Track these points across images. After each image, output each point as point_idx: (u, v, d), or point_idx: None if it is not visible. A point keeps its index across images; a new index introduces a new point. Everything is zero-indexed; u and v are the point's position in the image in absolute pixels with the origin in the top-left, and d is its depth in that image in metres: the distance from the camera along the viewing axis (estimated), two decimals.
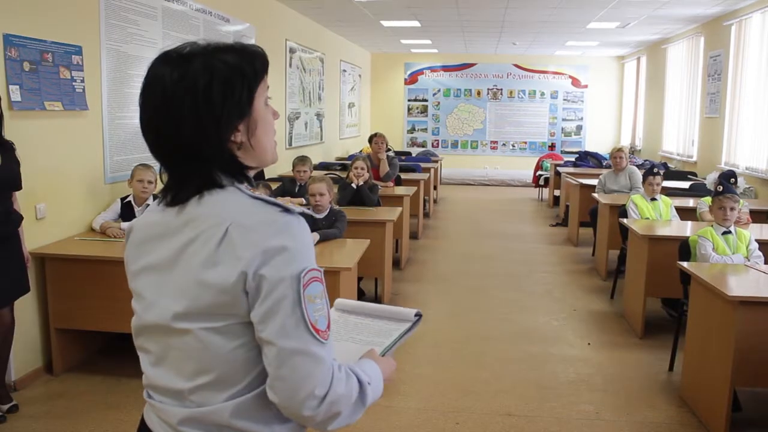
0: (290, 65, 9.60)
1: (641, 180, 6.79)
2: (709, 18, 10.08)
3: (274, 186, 6.38)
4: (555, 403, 4.09)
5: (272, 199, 1.30)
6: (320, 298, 1.25)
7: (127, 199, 4.91)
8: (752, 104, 8.70)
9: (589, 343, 5.16)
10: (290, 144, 9.68)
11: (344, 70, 13.52)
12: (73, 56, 4.53)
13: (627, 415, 3.95)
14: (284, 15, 9.51)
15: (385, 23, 11.21)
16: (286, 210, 1.27)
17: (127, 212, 4.85)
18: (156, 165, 1.40)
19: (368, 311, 1.64)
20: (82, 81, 4.63)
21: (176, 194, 1.32)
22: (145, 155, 5.25)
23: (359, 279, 5.61)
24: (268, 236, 1.22)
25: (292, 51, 9.66)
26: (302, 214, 1.31)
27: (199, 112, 1.26)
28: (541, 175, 13.37)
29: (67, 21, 4.50)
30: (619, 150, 7.91)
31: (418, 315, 1.60)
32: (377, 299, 5.89)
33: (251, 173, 1.38)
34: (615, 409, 4.03)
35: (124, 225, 4.69)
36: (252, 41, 7.81)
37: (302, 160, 6.66)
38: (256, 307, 1.22)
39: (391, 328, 1.59)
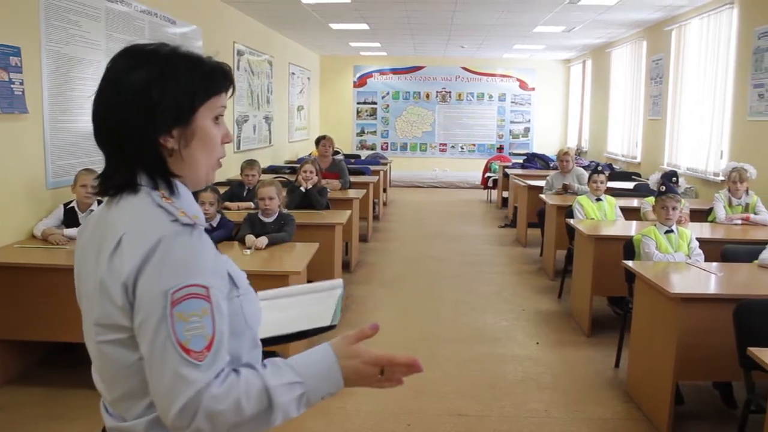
0: (238, 68, 9.51)
1: (587, 180, 6.92)
2: (651, 23, 10.33)
3: (223, 190, 6.31)
4: (505, 402, 4.13)
5: (172, 209, 1.25)
6: (198, 316, 1.18)
7: (71, 205, 4.79)
8: (692, 107, 8.95)
9: (537, 343, 5.22)
10: (238, 147, 9.59)
11: (293, 73, 13.46)
12: (11, 57, 4.40)
13: (575, 412, 4.00)
14: (232, 17, 9.42)
15: (334, 26, 11.19)
16: (178, 220, 1.23)
17: (70, 218, 4.73)
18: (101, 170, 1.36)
19: (294, 291, 1.64)
20: (21, 83, 4.50)
21: (102, 187, 1.31)
22: (90, 159, 5.14)
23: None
24: (147, 248, 1.18)
25: (240, 54, 9.57)
26: (198, 225, 1.27)
27: (134, 106, 1.25)
28: (489, 177, 13.50)
29: (4, 21, 4.37)
30: (566, 152, 8.03)
31: (343, 283, 1.62)
32: None
33: (187, 186, 1.36)
34: (564, 407, 4.08)
35: (68, 231, 4.58)
36: (198, 44, 7.72)
37: (250, 163, 6.60)
38: (134, 320, 1.19)
39: (323, 296, 1.61)
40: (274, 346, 1.55)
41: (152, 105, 1.25)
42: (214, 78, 1.34)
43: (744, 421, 3.14)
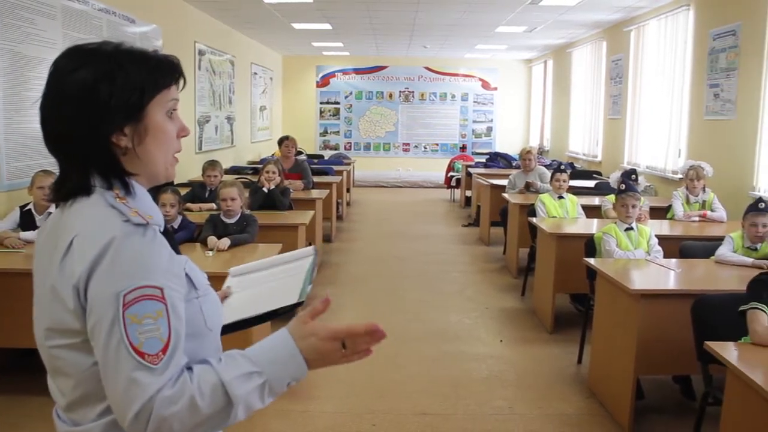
0: (199, 68, 9.42)
1: (549, 178, 7.00)
2: (611, 24, 10.48)
3: (184, 191, 6.24)
4: (469, 400, 4.15)
5: (124, 208, 1.22)
6: (152, 318, 1.14)
7: (27, 207, 4.69)
8: (651, 106, 9.10)
9: (501, 340, 5.26)
10: (200, 148, 9.49)
11: (255, 73, 13.37)
12: None
13: (539, 409, 4.04)
14: (192, 16, 9.32)
15: (296, 26, 11.14)
16: (130, 220, 1.20)
17: (27, 221, 4.63)
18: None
19: (265, 265, 1.62)
20: None
21: (56, 193, 1.28)
22: (47, 161, 5.03)
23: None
24: (98, 249, 1.16)
25: (201, 53, 9.48)
26: (157, 224, 1.25)
27: (83, 105, 1.22)
28: (452, 176, 13.56)
29: None
30: (528, 151, 8.09)
31: (315, 250, 1.58)
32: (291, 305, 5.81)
33: (143, 183, 1.33)
34: (528, 403, 4.11)
35: (25, 234, 4.48)
36: (158, 43, 7.62)
37: (212, 164, 6.54)
38: (87, 323, 1.17)
39: (294, 266, 1.57)
40: (242, 330, 1.52)
41: (101, 104, 1.22)
42: (161, 71, 1.31)
43: (702, 413, 3.20)
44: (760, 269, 3.78)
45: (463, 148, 16.77)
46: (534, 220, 6.00)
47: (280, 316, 1.51)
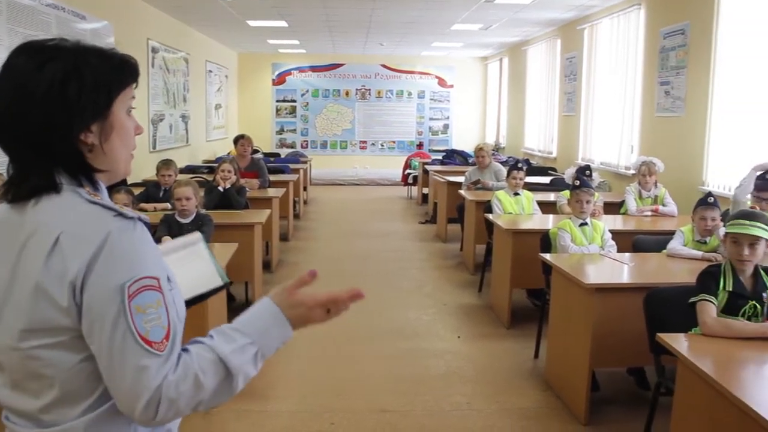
0: (153, 65, 9.27)
1: (506, 175, 7.05)
2: (565, 22, 10.61)
3: (137, 191, 6.14)
4: (428, 396, 4.16)
5: (109, 204, 1.24)
6: (154, 308, 1.19)
7: None
8: (604, 103, 9.25)
9: (459, 336, 5.29)
10: (154, 147, 9.34)
11: (210, 71, 13.21)
12: None
13: (497, 403, 4.07)
14: (145, 13, 9.17)
15: (252, 23, 11.04)
16: (121, 215, 1.22)
17: None
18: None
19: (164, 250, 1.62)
20: None
21: (16, 191, 1.25)
22: None
23: (229, 284, 5.48)
24: (95, 244, 1.17)
25: (154, 51, 9.33)
26: (142, 218, 1.27)
27: (51, 104, 1.21)
28: (409, 174, 13.59)
29: None
30: (481, 148, 8.13)
31: (201, 235, 1.69)
32: (248, 304, 5.77)
33: (103, 180, 1.33)
34: (486, 398, 4.14)
35: None
36: (110, 40, 7.47)
37: (166, 163, 6.45)
38: (83, 320, 1.17)
39: (187, 252, 1.64)
40: None
41: (70, 102, 1.22)
42: (124, 69, 1.32)
43: (655, 403, 3.27)
44: (709, 262, 3.87)
45: (420, 145, 16.83)
46: (490, 216, 6.04)
47: (206, 299, 1.60)
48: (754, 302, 2.92)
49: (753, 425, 2.11)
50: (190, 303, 1.54)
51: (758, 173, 4.79)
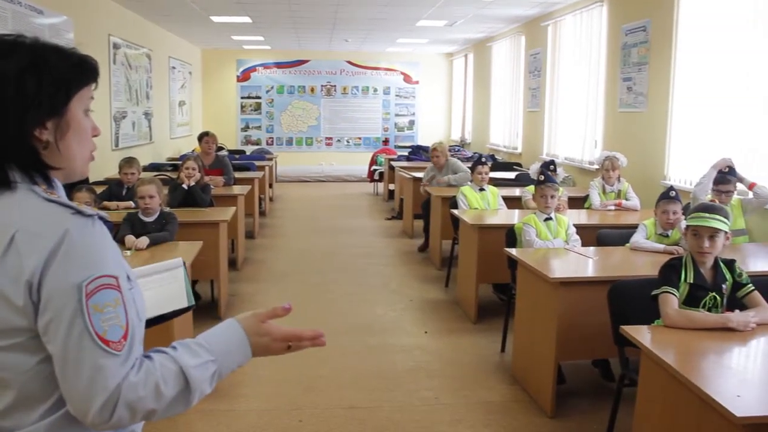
0: (114, 62, 9.12)
1: (471, 171, 7.09)
2: (529, 18, 10.69)
3: (100, 189, 6.05)
4: (396, 392, 4.17)
5: (66, 201, 1.22)
6: (112, 306, 1.17)
7: None
8: (568, 99, 9.34)
9: (426, 332, 5.30)
10: (117, 145, 9.20)
11: (173, 67, 13.06)
12: None
13: (464, 398, 4.09)
14: (106, 8, 9.02)
15: (215, 19, 10.93)
16: (79, 212, 1.20)
17: None
18: None
19: (139, 273, 1.61)
20: None
21: None
22: None
23: (194, 282, 5.44)
24: (52, 242, 1.15)
25: (116, 47, 9.18)
26: (102, 216, 1.25)
27: (5, 97, 1.19)
28: (375, 170, 13.58)
29: None
30: (435, 149, 8.05)
31: (183, 262, 1.69)
32: (214, 302, 5.73)
33: (59, 179, 1.31)
34: (453, 393, 4.16)
35: None
36: (70, 36, 7.34)
37: (129, 161, 6.36)
38: (39, 319, 1.15)
39: (167, 276, 1.65)
40: None
41: (27, 97, 1.20)
42: (84, 68, 1.31)
43: (619, 395, 3.32)
44: (671, 255, 3.93)
45: (386, 141, 16.84)
46: (456, 212, 6.07)
47: (168, 320, 1.61)
48: (714, 294, 2.98)
49: (713, 414, 2.15)
50: (153, 322, 1.54)
51: (716, 171, 4.89)
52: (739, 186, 4.91)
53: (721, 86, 5.86)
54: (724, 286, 3.00)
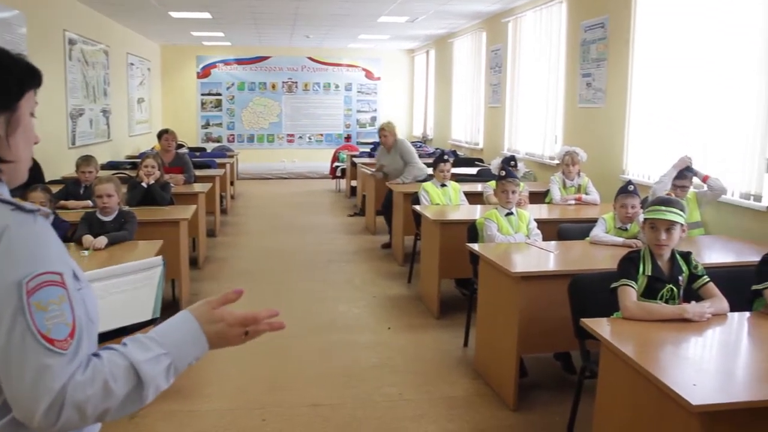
0: (70, 58, 8.95)
1: (413, 152, 7.25)
2: (490, 15, 10.75)
3: (56, 189, 5.92)
4: (359, 389, 4.16)
5: (6, 197, 1.19)
6: (56, 304, 1.14)
7: None
8: (529, 94, 9.41)
9: (389, 328, 5.31)
10: (73, 143, 9.03)
11: (132, 64, 12.86)
12: None
13: (428, 393, 4.10)
14: (61, 3, 8.83)
15: (174, 14, 10.78)
16: (20, 208, 1.17)
17: None
18: None
19: (111, 273, 1.58)
20: None
21: None
22: None
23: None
24: None
25: (71, 42, 9.01)
26: (44, 211, 1.22)
27: None
28: (338, 167, 13.54)
29: None
30: (383, 128, 8.10)
31: (163, 260, 1.63)
32: (175, 301, 5.66)
33: (2, 178, 1.27)
34: (417, 388, 4.17)
35: None
36: (23, 31, 7.17)
37: (86, 159, 6.24)
38: None
39: (142, 277, 1.59)
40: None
41: None
42: (33, 71, 1.29)
43: (580, 386, 3.36)
44: (629, 248, 3.99)
45: (348, 138, 16.81)
46: (418, 208, 6.08)
47: (130, 333, 1.50)
48: (671, 286, 3.02)
49: (670, 402, 2.19)
50: (115, 334, 1.49)
51: (677, 170, 4.98)
52: (694, 179, 5.01)
53: (678, 82, 5.96)
54: (680, 278, 3.05)
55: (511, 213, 4.85)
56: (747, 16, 5.04)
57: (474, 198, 6.69)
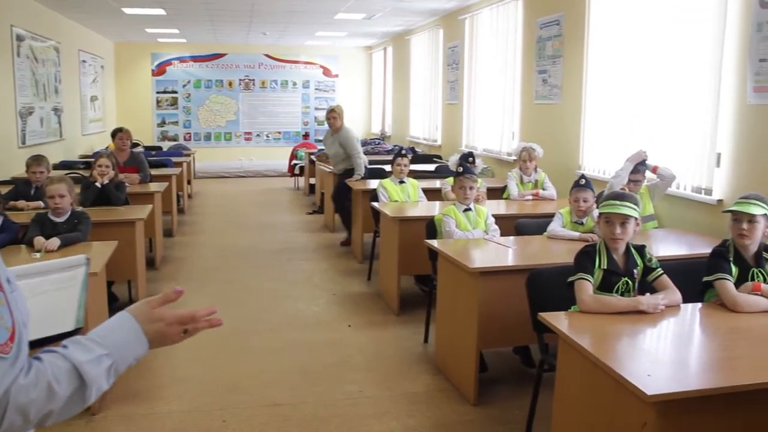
0: (18, 54, 8.72)
1: (353, 143, 7.54)
2: (447, 12, 10.79)
3: (5, 189, 5.78)
4: (320, 387, 4.15)
5: None
6: None
7: None
8: (486, 91, 9.48)
9: (349, 325, 5.30)
10: (23, 142, 8.81)
11: (84, 61, 12.60)
12: None
13: (388, 390, 4.10)
14: None
15: (128, 11, 10.58)
16: None
17: None
18: None
19: (33, 271, 1.52)
20: None
21: None
22: None
23: (110, 283, 5.28)
24: None
25: (20, 38, 8.78)
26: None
27: None
28: (296, 164, 13.49)
29: None
30: (333, 110, 8.09)
31: (87, 259, 1.57)
32: (132, 303, 5.56)
33: None
34: (377, 385, 4.17)
35: None
36: None
37: (37, 159, 6.09)
38: None
39: (66, 276, 1.53)
40: None
41: None
42: None
43: (539, 380, 3.39)
44: (585, 242, 4.04)
45: (306, 135, 16.72)
46: (376, 205, 6.08)
47: (50, 343, 1.44)
48: (626, 279, 3.07)
49: (626, 393, 2.23)
50: (34, 345, 1.42)
51: (633, 164, 5.07)
52: (647, 173, 5.10)
53: (631, 79, 6.05)
54: (635, 270, 3.10)
55: (469, 209, 4.88)
56: (698, 14, 5.14)
57: (432, 194, 6.71)
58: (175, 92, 16.23)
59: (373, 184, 6.99)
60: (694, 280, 3.18)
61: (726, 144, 4.85)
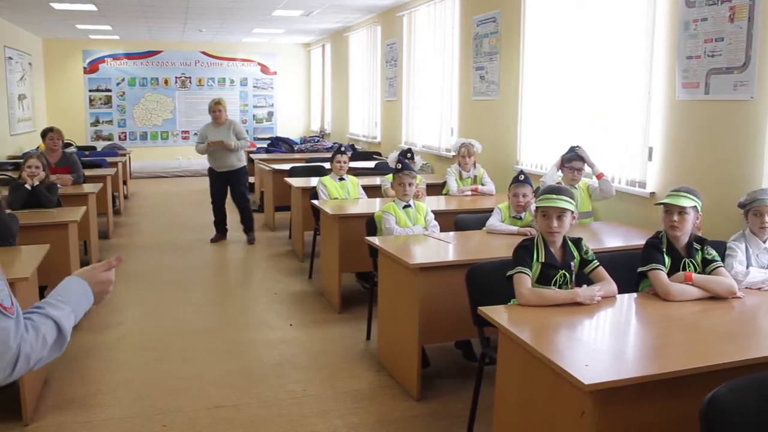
0: None
1: (243, 130, 7.57)
2: (385, 9, 10.80)
3: None
4: (262, 387, 4.11)
5: None
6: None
7: None
8: (424, 88, 9.53)
9: (291, 324, 5.26)
10: None
11: (10, 58, 12.18)
12: None
13: (332, 388, 4.09)
14: None
15: (56, 6, 10.27)
16: None
17: None
18: None
19: None
20: None
21: None
22: None
23: (43, 288, 5.12)
24: None
25: None
26: None
27: None
28: None
29: None
30: (217, 103, 8.09)
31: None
32: None
33: None
34: (320, 384, 4.15)
35: None
36: None
37: None
38: None
39: None
40: None
41: None
42: None
43: (481, 373, 3.42)
44: (524, 236, 4.09)
45: None
46: (316, 202, 6.05)
47: None
48: (564, 271, 3.12)
49: (565, 383, 2.27)
50: None
51: (560, 164, 5.16)
52: (589, 171, 5.17)
53: (566, 75, 6.16)
54: (572, 263, 3.16)
55: (409, 205, 4.89)
56: (629, 12, 5.27)
57: (372, 191, 6.71)
58: (109, 90, 15.85)
59: (313, 181, 6.95)
60: (629, 271, 3.26)
61: (657, 138, 4.98)
